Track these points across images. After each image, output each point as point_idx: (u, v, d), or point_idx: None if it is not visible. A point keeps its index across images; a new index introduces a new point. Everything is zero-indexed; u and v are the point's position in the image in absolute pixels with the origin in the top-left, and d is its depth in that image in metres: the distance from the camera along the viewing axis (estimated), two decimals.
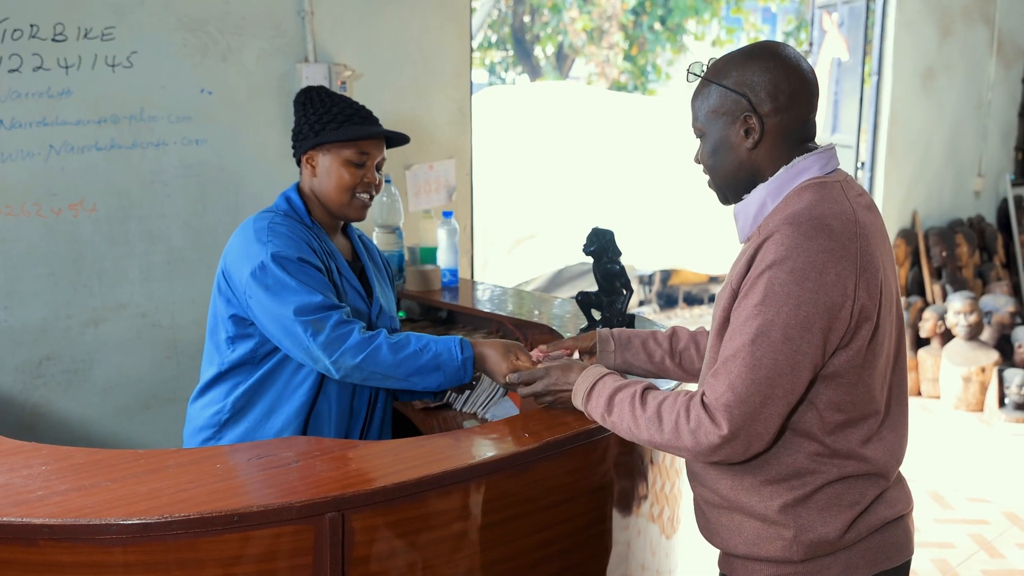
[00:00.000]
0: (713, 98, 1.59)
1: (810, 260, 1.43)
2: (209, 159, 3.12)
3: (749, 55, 1.58)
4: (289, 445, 1.79)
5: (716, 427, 1.47)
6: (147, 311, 3.06)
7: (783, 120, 1.55)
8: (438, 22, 3.65)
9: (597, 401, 1.71)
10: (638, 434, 1.60)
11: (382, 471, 1.67)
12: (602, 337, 2.04)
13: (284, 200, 2.17)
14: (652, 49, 14.14)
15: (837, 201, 1.51)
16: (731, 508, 1.61)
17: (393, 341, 1.97)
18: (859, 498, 1.54)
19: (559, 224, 8.92)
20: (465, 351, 2.03)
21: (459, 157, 3.80)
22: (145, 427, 3.11)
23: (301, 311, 1.94)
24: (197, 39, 3.05)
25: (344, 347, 1.93)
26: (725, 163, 1.60)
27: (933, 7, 5.95)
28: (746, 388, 1.45)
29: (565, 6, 12.81)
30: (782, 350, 1.44)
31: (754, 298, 1.46)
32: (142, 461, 1.70)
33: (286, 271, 1.97)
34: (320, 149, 2.12)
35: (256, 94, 3.19)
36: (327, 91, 2.18)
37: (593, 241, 2.51)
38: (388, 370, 1.96)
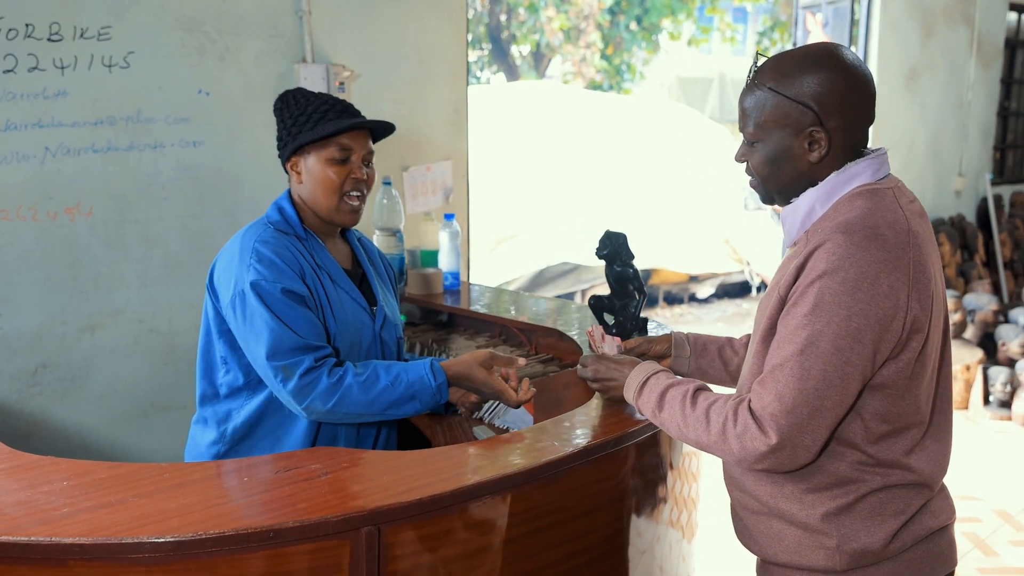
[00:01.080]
0: (772, 107, 1.53)
1: (863, 270, 1.41)
2: (207, 161, 3.06)
3: (815, 62, 1.51)
4: (315, 456, 1.74)
5: (764, 435, 1.45)
6: (144, 316, 3.00)
7: (848, 134, 1.52)
8: (434, 22, 3.61)
9: (648, 397, 1.69)
10: (686, 433, 1.58)
11: (414, 482, 1.63)
12: (677, 341, 2.00)
13: (276, 210, 2.08)
14: (628, 49, 14.16)
15: (890, 209, 1.49)
16: (771, 515, 1.59)
17: (363, 379, 1.92)
18: (904, 507, 1.53)
19: (540, 224, 8.90)
20: (438, 376, 1.99)
21: (455, 158, 3.76)
22: (143, 435, 3.05)
23: (272, 354, 1.89)
24: (194, 39, 2.99)
25: (313, 394, 1.88)
26: (783, 173, 1.56)
27: (916, 7, 6.00)
28: (794, 398, 1.43)
29: (542, 5, 12.80)
30: (832, 361, 1.42)
31: (804, 307, 1.44)
32: (167, 475, 1.65)
33: (263, 302, 1.90)
34: (301, 153, 2.04)
35: (254, 95, 3.13)
36: (303, 92, 2.08)
37: (606, 244, 2.49)
38: (361, 409, 1.93)
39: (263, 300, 1.90)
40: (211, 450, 2.06)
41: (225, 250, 2.04)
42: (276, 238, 1.99)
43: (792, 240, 1.59)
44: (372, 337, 2.14)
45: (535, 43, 13.49)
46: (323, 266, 2.06)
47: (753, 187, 1.64)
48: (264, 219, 2.07)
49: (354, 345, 2.08)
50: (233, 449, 2.04)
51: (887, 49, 5.85)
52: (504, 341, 3.05)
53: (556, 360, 2.85)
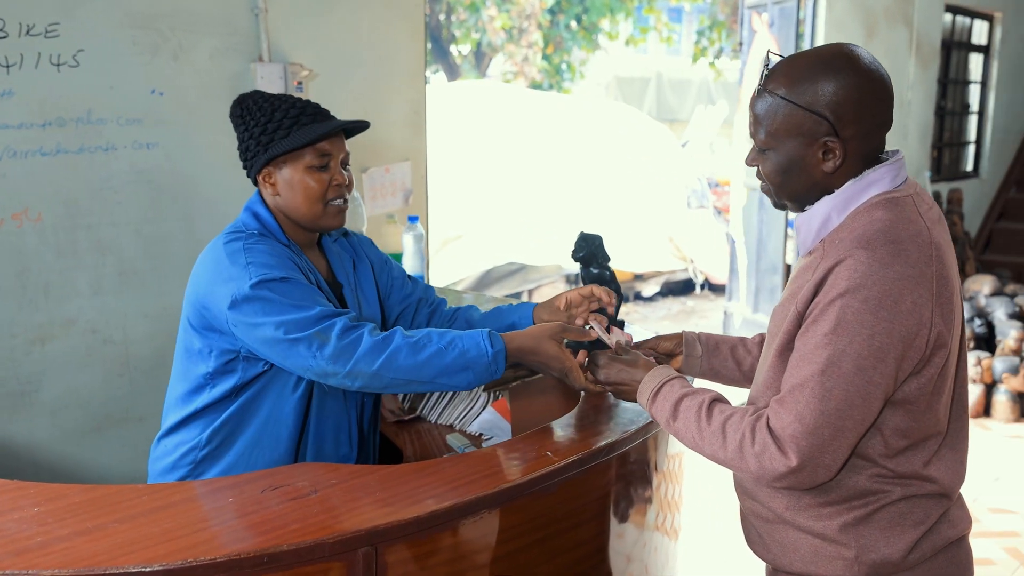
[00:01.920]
0: (785, 116, 1.47)
1: (886, 288, 1.37)
2: (161, 164, 2.94)
3: (828, 67, 1.44)
4: (301, 472, 1.67)
5: (783, 456, 1.40)
6: (97, 326, 2.87)
7: (863, 143, 1.47)
8: (392, 20, 3.53)
9: (663, 404, 1.62)
10: (701, 446, 1.53)
11: (409, 499, 1.57)
12: (688, 341, 1.93)
13: (252, 217, 1.94)
14: (568, 48, 14.18)
15: (911, 220, 1.44)
16: (786, 524, 1.56)
17: (413, 340, 1.77)
18: (924, 517, 1.50)
19: (486, 224, 8.86)
20: (495, 343, 1.81)
21: (414, 159, 3.69)
22: (97, 450, 2.92)
23: (296, 327, 1.74)
24: (147, 37, 2.87)
25: (356, 355, 1.72)
26: (796, 182, 1.51)
27: (859, 8, 6.09)
28: (815, 419, 1.39)
29: (484, 4, 12.74)
30: (854, 381, 1.38)
31: (825, 326, 1.40)
32: (146, 498, 1.56)
33: (273, 292, 1.77)
34: (275, 163, 1.90)
35: (209, 95, 3.02)
36: (263, 95, 1.94)
37: (582, 246, 2.45)
38: (410, 374, 1.75)
39: (273, 291, 1.77)
40: (187, 457, 1.95)
41: (205, 264, 1.89)
42: (263, 241, 1.88)
43: (807, 249, 1.54)
44: None
45: (476, 42, 13.43)
46: (311, 271, 1.97)
47: (764, 192, 1.58)
48: (239, 225, 1.93)
49: None
50: (212, 453, 1.94)
51: None
52: None
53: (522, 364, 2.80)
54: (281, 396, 1.93)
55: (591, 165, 9.73)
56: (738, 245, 6.71)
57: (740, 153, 6.71)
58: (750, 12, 6.43)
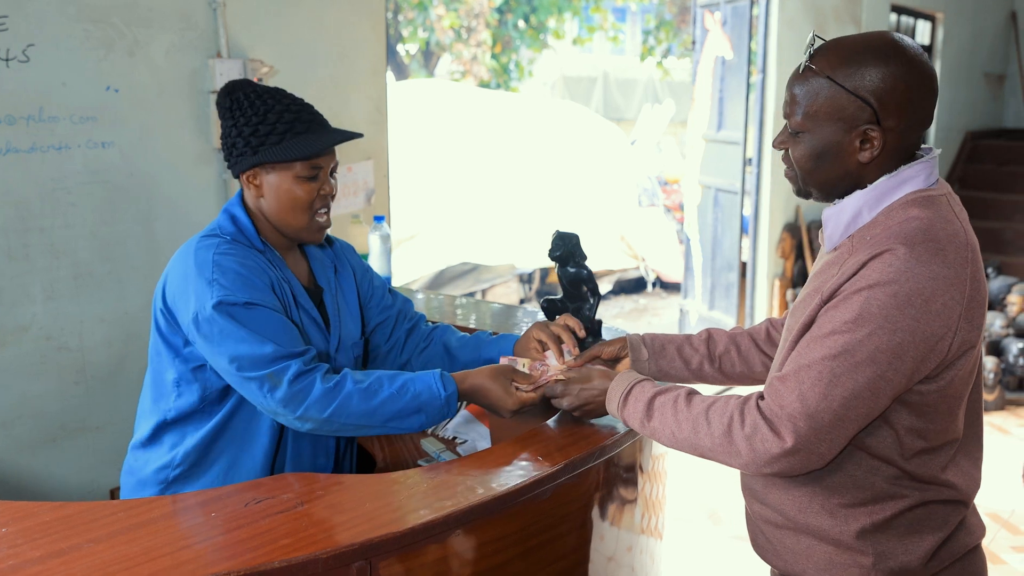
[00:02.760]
0: (827, 97, 1.40)
1: (918, 286, 1.33)
2: (117, 163, 2.83)
3: (876, 53, 1.38)
4: (284, 484, 1.60)
5: (777, 437, 1.37)
6: (52, 333, 2.75)
7: (905, 134, 1.41)
8: (353, 16, 3.46)
9: (635, 406, 1.59)
10: (680, 437, 1.49)
11: (400, 509, 1.51)
12: (633, 344, 1.90)
13: (229, 220, 1.87)
14: (516, 48, 14.15)
15: (948, 220, 1.40)
16: (798, 530, 1.51)
17: (364, 386, 1.75)
18: (942, 524, 1.46)
19: (438, 224, 8.79)
20: (448, 386, 1.82)
21: (377, 158, 3.62)
22: (52, 462, 2.80)
23: (249, 365, 1.71)
24: (101, 31, 2.75)
25: (307, 402, 1.71)
26: (828, 170, 1.45)
27: (809, 7, 6.15)
28: (817, 403, 1.35)
29: (432, 3, 12.64)
30: (865, 373, 1.34)
31: (846, 314, 1.35)
32: (122, 514, 1.48)
33: (233, 319, 1.72)
34: (263, 167, 1.83)
35: (166, 92, 2.92)
36: (256, 89, 1.85)
37: (559, 245, 2.40)
38: (362, 419, 1.75)
39: (233, 317, 1.72)
40: (159, 475, 1.87)
41: (175, 266, 1.83)
42: (235, 249, 1.81)
43: (834, 244, 1.49)
44: (328, 362, 1.96)
45: (424, 42, 13.33)
46: (287, 280, 1.89)
47: (788, 177, 1.52)
48: (215, 228, 1.87)
49: None
50: (185, 473, 1.86)
51: (784, 47, 5.97)
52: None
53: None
54: (256, 414, 1.87)
55: (542, 164, 9.70)
56: (693, 243, 6.74)
57: (691, 152, 6.74)
58: (702, 11, 6.45)
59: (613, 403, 1.66)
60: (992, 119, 9.64)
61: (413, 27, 13.03)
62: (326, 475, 1.67)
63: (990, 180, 8.42)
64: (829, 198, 1.50)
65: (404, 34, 13.15)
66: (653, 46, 14.57)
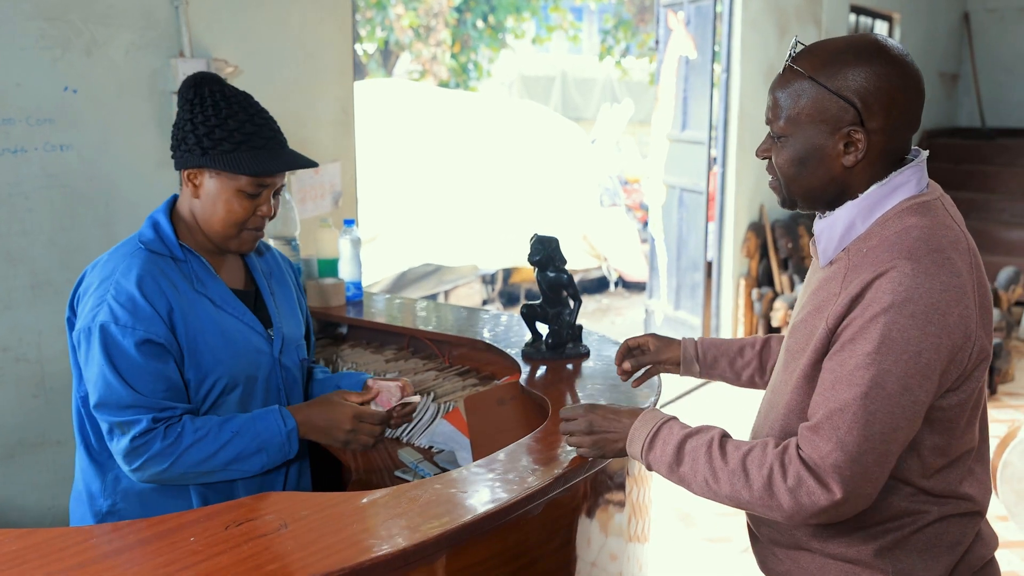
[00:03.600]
0: (810, 99, 1.36)
1: (933, 301, 1.28)
2: (76, 167, 2.72)
3: (859, 54, 1.35)
4: (266, 505, 1.53)
5: (824, 490, 1.29)
6: (8, 344, 2.63)
7: (890, 138, 1.37)
8: (319, 14, 3.37)
9: (663, 450, 1.46)
10: (717, 489, 1.39)
11: (389, 530, 1.44)
12: (686, 359, 1.84)
13: (151, 227, 1.81)
14: (476, 47, 14.08)
15: (948, 227, 1.36)
16: (812, 551, 1.46)
17: (203, 434, 1.73)
18: (960, 538, 1.42)
19: (400, 225, 8.70)
20: (288, 422, 1.80)
21: (344, 160, 3.54)
22: (10, 479, 2.68)
23: (103, 406, 1.69)
24: (57, 30, 2.65)
25: (145, 456, 1.70)
26: (812, 176, 1.40)
27: (772, 7, 6.17)
28: (858, 446, 1.28)
29: (390, 3, 12.52)
30: (900, 403, 1.28)
31: (867, 345, 1.29)
32: (95, 540, 1.40)
33: (106, 350, 1.68)
34: (207, 170, 1.77)
35: (127, 93, 2.82)
36: (222, 89, 1.79)
37: (538, 250, 2.36)
38: (201, 467, 1.74)
39: (107, 348, 1.68)
40: (91, 506, 1.81)
41: (93, 271, 1.80)
42: (145, 266, 1.74)
43: (829, 258, 1.44)
44: (271, 364, 1.91)
45: (383, 41, 13.20)
46: (203, 291, 1.81)
47: (772, 188, 1.48)
48: (138, 236, 1.81)
49: (248, 375, 1.86)
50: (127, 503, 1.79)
51: (748, 47, 5.98)
52: (413, 353, 2.87)
53: (474, 372, 2.70)
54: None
55: (504, 164, 9.66)
56: (658, 243, 6.73)
57: (655, 152, 6.73)
58: (665, 10, 6.44)
59: (637, 444, 1.51)
60: (947, 118, 9.78)
61: (371, 26, 12.90)
62: (309, 494, 1.60)
63: (946, 179, 8.43)
64: (814, 207, 1.45)
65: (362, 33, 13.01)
66: (612, 46, 14.57)
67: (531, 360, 2.39)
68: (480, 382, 2.62)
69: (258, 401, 1.90)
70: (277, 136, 1.80)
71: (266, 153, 1.76)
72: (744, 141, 6.00)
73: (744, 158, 6.00)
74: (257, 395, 1.90)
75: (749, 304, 6.11)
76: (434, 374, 2.66)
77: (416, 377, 2.62)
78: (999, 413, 5.51)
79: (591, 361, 2.39)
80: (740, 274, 6.16)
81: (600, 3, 15.15)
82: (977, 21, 9.73)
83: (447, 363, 2.77)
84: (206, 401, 1.82)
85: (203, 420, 1.75)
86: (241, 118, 1.75)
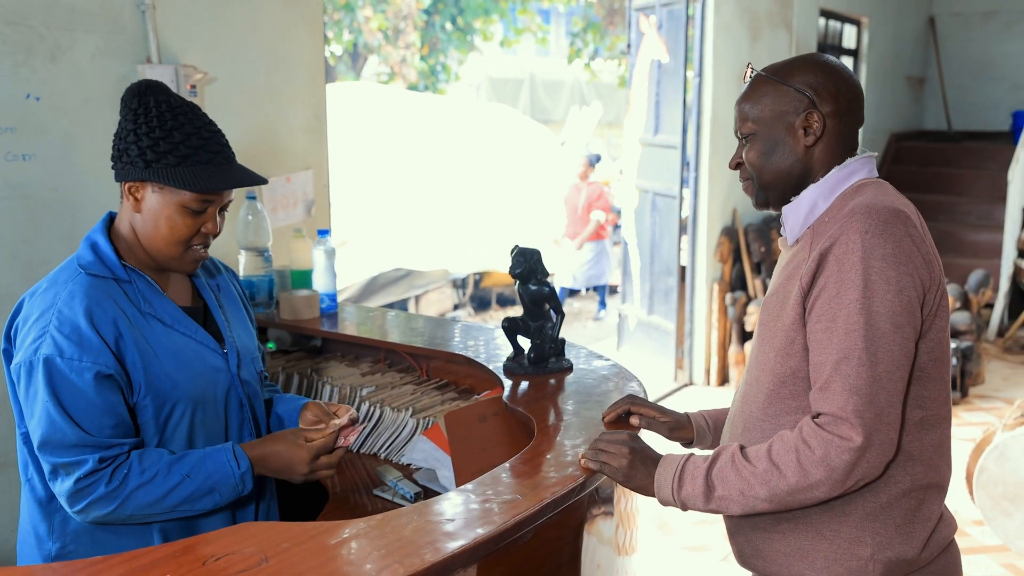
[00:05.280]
0: (771, 97, 1.57)
1: (899, 244, 1.40)
2: (39, 177, 2.63)
3: (807, 61, 1.59)
4: (244, 538, 1.46)
5: (846, 441, 1.37)
6: None
7: (841, 123, 1.55)
8: (290, 19, 3.30)
9: (693, 486, 1.51)
10: (754, 495, 1.45)
11: (377, 562, 1.38)
12: (699, 433, 1.86)
13: (90, 249, 1.71)
14: (444, 50, 14.01)
15: (898, 196, 1.51)
16: (789, 531, 1.51)
17: (151, 475, 1.64)
18: (929, 514, 1.50)
19: (369, 230, 8.61)
20: (242, 463, 1.72)
21: (316, 168, 3.46)
22: None
23: (48, 446, 1.60)
24: (19, 35, 2.55)
25: (90, 499, 1.61)
26: (779, 161, 1.56)
27: (744, 11, 6.16)
28: (870, 387, 1.37)
29: (359, 5, 12.42)
30: (895, 340, 1.39)
31: (853, 292, 1.39)
32: None
33: (51, 384, 1.59)
34: (150, 184, 1.68)
35: (92, 100, 2.73)
36: (168, 99, 1.70)
37: (520, 262, 2.31)
38: (148, 509, 1.65)
39: (52, 384, 1.58)
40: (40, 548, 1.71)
41: (32, 299, 1.69)
42: (88, 292, 1.65)
43: (795, 237, 1.57)
44: (229, 380, 1.83)
45: (351, 43, 13.09)
46: (152, 312, 1.72)
47: (748, 192, 1.63)
48: (76, 259, 1.71)
49: (208, 395, 1.78)
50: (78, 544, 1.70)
51: (720, 51, 5.97)
52: (390, 366, 2.80)
53: (452, 385, 2.64)
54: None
55: (474, 167, 9.61)
56: (631, 247, 6.70)
57: (627, 156, 6.71)
58: (638, 14, 6.42)
59: (666, 490, 1.55)
60: (913, 121, 9.87)
61: (339, 28, 12.79)
62: (289, 524, 1.53)
63: (913, 181, 8.59)
64: (784, 195, 1.59)
65: (329, 35, 12.90)
66: (581, 48, 14.57)
67: (513, 375, 2.34)
68: (459, 396, 2.57)
69: (221, 419, 1.82)
70: (224, 151, 1.71)
71: (212, 168, 1.68)
72: (717, 145, 5.98)
73: (717, 162, 5.99)
74: (219, 413, 1.82)
75: (723, 308, 6.10)
76: (411, 388, 2.60)
77: (393, 391, 2.56)
78: (971, 416, 5.55)
79: (574, 376, 2.34)
80: (713, 279, 6.15)
81: (568, 5, 15.13)
82: (942, 25, 9.84)
83: (424, 376, 2.72)
84: (167, 426, 1.73)
85: (152, 459, 1.65)
86: (187, 130, 1.67)
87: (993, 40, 9.66)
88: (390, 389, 2.59)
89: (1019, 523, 3.62)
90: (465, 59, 14.93)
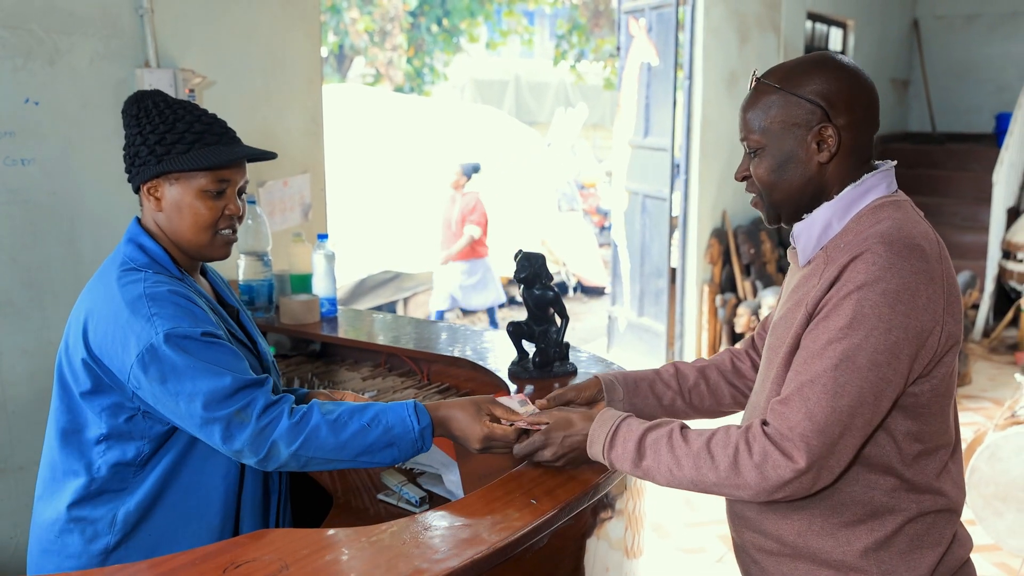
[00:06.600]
0: (779, 107, 1.46)
1: (904, 282, 1.34)
2: (38, 182, 2.61)
3: (817, 64, 1.47)
4: (264, 545, 1.45)
5: (788, 460, 1.35)
6: None
7: (856, 134, 1.46)
8: (287, 22, 3.29)
9: (624, 447, 1.51)
10: (681, 476, 1.45)
11: (397, 570, 1.38)
12: (607, 384, 1.83)
13: (138, 249, 1.71)
14: (431, 51, 14.01)
15: (917, 221, 1.44)
16: (797, 556, 1.49)
17: (333, 417, 1.62)
18: (940, 538, 1.47)
19: (357, 232, 8.59)
20: (422, 419, 1.68)
21: (313, 171, 3.46)
22: None
23: (214, 404, 1.57)
24: (17, 39, 2.54)
25: (274, 436, 1.59)
26: (791, 178, 1.48)
27: (733, 14, 6.19)
28: (826, 417, 1.34)
29: (344, 7, 12.39)
30: (868, 377, 1.34)
31: (839, 320, 1.35)
32: None
33: (185, 352, 1.58)
34: (165, 178, 1.69)
35: (91, 104, 2.72)
36: (165, 99, 1.74)
37: (524, 267, 2.31)
38: (330, 454, 1.62)
39: (185, 350, 1.58)
40: (92, 547, 1.68)
41: (99, 310, 1.65)
42: (162, 280, 1.66)
43: (807, 258, 1.51)
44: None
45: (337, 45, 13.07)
46: (212, 306, 1.76)
47: (755, 206, 1.55)
48: (126, 263, 1.69)
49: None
50: (128, 539, 1.68)
51: (710, 54, 5.99)
52: (390, 370, 2.80)
53: (454, 389, 2.64)
54: (208, 460, 1.72)
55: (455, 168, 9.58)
56: (621, 249, 6.72)
57: (617, 158, 6.73)
58: (627, 17, 6.43)
59: (597, 445, 1.56)
60: (898, 123, 9.95)
61: (325, 30, 12.76)
62: (308, 531, 1.53)
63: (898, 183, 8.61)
64: (796, 214, 1.51)
65: None
66: (566, 50, 14.59)
67: (518, 379, 2.34)
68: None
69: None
70: (228, 132, 1.75)
71: (221, 146, 1.71)
72: (707, 147, 6.01)
73: (707, 164, 6.02)
74: None
75: (713, 310, 6.12)
76: (413, 392, 2.60)
77: (395, 395, 2.56)
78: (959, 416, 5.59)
79: (579, 380, 2.34)
80: (704, 280, 6.18)
81: (554, 8, 15.15)
82: (926, 28, 9.92)
83: (425, 379, 2.72)
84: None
85: (333, 404, 1.66)
86: (188, 119, 1.70)
87: (976, 43, 9.74)
88: (391, 393, 2.59)
89: (1010, 522, 3.66)
90: (451, 61, 14.93)
